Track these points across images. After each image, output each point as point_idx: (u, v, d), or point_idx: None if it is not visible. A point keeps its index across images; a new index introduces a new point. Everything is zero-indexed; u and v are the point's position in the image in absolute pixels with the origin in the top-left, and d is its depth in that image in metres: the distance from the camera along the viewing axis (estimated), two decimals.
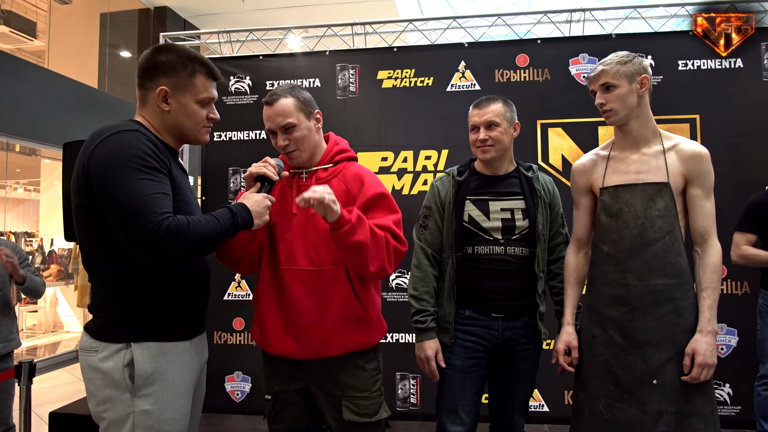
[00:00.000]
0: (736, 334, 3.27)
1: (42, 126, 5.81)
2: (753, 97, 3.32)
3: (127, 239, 1.34)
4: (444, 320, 2.05)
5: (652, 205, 1.79)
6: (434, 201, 2.11)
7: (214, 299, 3.75)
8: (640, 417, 1.74)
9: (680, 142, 1.84)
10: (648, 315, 1.77)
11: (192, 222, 1.37)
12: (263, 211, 1.57)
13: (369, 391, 1.76)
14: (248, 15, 7.41)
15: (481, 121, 2.02)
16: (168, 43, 1.54)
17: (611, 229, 1.85)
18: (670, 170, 1.80)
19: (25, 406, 2.43)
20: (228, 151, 3.78)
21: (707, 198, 1.80)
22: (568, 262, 2.03)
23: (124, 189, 1.32)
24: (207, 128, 1.59)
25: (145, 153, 1.36)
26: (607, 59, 1.86)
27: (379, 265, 1.67)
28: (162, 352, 1.45)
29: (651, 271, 1.77)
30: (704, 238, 1.80)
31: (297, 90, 1.79)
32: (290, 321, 1.71)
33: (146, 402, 1.41)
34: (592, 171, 1.96)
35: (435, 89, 3.60)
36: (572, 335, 1.94)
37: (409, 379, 3.53)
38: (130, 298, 1.43)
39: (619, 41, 3.44)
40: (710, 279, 1.76)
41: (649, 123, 1.86)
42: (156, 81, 1.49)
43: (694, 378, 1.70)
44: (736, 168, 3.29)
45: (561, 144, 3.47)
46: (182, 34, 4.08)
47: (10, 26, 7.66)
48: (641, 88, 1.82)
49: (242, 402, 3.70)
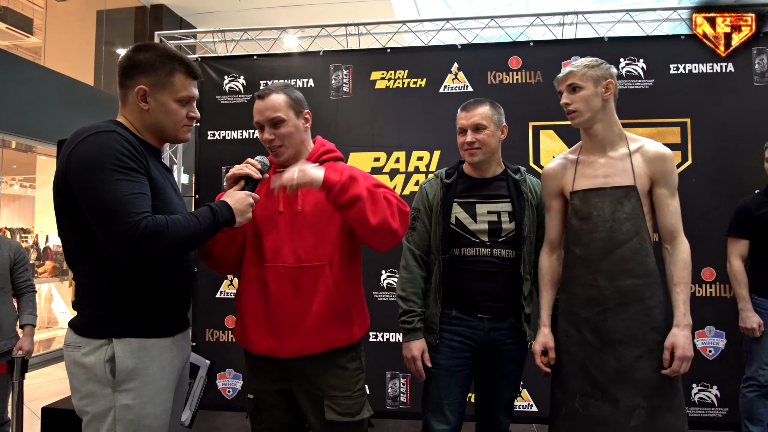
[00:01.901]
0: (724, 336, 3.30)
1: (38, 123, 5.82)
2: (744, 101, 3.34)
3: (106, 240, 1.35)
4: (430, 321, 2.07)
5: (620, 208, 1.85)
6: (422, 203, 2.14)
7: (207, 297, 3.77)
8: (614, 412, 1.80)
9: (644, 143, 1.90)
10: (619, 315, 1.82)
11: (171, 221, 1.38)
12: (245, 208, 1.58)
13: (351, 391, 1.76)
14: (244, 14, 7.41)
15: (468, 123, 2.04)
16: (149, 42, 1.55)
17: (582, 232, 1.91)
18: (636, 172, 1.86)
19: (18, 401, 2.44)
20: (222, 150, 3.80)
21: (673, 197, 1.86)
22: (541, 264, 2.06)
23: (102, 190, 1.33)
24: (188, 127, 1.59)
25: (122, 153, 1.37)
26: (576, 62, 1.92)
27: (380, 218, 1.60)
28: (143, 348, 1.46)
29: (621, 272, 1.83)
30: (673, 236, 1.85)
31: (290, 89, 1.82)
32: (271, 319, 1.72)
33: (127, 397, 1.43)
34: (562, 175, 2.01)
35: (428, 90, 3.62)
36: (548, 336, 1.97)
37: (399, 378, 3.55)
38: (112, 296, 1.45)
39: (612, 44, 3.47)
40: (681, 274, 1.81)
41: (614, 127, 1.92)
42: (135, 80, 1.50)
43: (674, 371, 1.74)
44: (727, 171, 3.32)
45: (552, 146, 3.49)
46: (177, 33, 4.09)
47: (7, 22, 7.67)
48: (606, 92, 1.88)
49: (233, 399, 3.72)
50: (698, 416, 3.29)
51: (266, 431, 1.83)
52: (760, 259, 2.79)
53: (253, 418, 1.84)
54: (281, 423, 1.82)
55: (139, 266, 1.39)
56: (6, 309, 2.95)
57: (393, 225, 1.63)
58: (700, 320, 3.32)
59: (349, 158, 3.60)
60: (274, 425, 1.82)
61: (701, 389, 3.31)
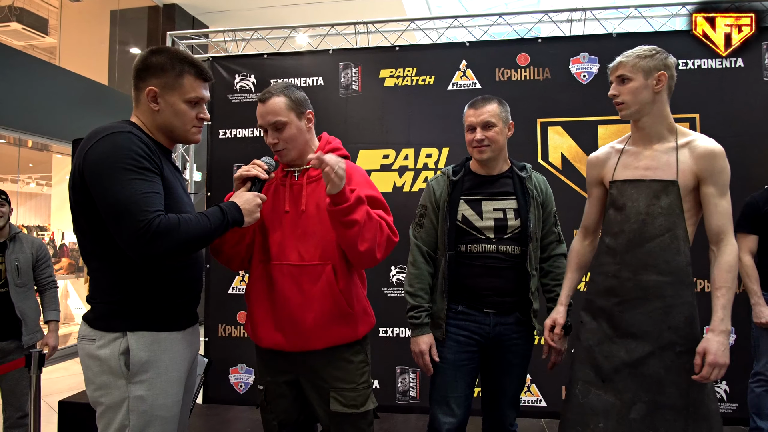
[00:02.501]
0: (734, 332, 3.29)
1: (53, 122, 5.92)
2: (753, 96, 3.33)
3: (120, 237, 1.40)
4: (437, 316, 2.11)
5: (655, 202, 1.79)
6: (429, 200, 2.17)
7: (219, 293, 3.83)
8: (614, 403, 1.79)
9: (695, 139, 1.80)
10: (637, 308, 1.79)
11: (182, 220, 1.43)
12: (254, 209, 1.62)
13: (356, 383, 1.80)
14: (255, 12, 7.47)
15: (477, 121, 2.06)
16: (163, 45, 1.59)
17: (614, 222, 1.87)
18: (680, 168, 1.78)
19: (35, 394, 2.51)
20: (233, 148, 3.86)
21: (722, 196, 1.75)
22: (572, 247, 2.07)
23: (117, 189, 1.38)
24: (197, 128, 1.64)
25: (137, 154, 1.42)
26: (631, 51, 1.83)
27: (368, 246, 1.67)
28: (156, 341, 1.51)
29: (645, 266, 1.78)
30: (719, 237, 1.75)
31: (291, 89, 1.83)
32: (278, 315, 1.77)
33: (140, 388, 1.48)
34: (604, 164, 1.96)
35: (436, 88, 3.64)
36: (561, 313, 1.98)
37: (409, 373, 3.59)
38: (125, 291, 1.50)
39: (620, 40, 3.46)
40: (724, 278, 1.71)
41: (664, 120, 1.84)
42: (147, 81, 1.55)
43: (704, 377, 1.66)
44: (736, 167, 3.21)
45: (561, 143, 3.50)
46: (189, 32, 4.15)
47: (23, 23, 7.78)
48: (657, 84, 1.79)
49: (245, 393, 3.78)
50: None
51: (275, 420, 1.88)
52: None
53: (263, 408, 1.90)
54: (289, 413, 1.87)
55: (150, 262, 1.45)
56: (29, 304, 3.05)
57: (377, 255, 1.72)
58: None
59: (358, 155, 3.64)
60: (283, 415, 1.87)
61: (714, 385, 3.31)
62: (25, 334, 2.98)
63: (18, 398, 2.99)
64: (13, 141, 6.32)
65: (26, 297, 3.04)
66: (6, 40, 7.77)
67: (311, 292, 1.74)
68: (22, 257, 3.04)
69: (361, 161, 3.64)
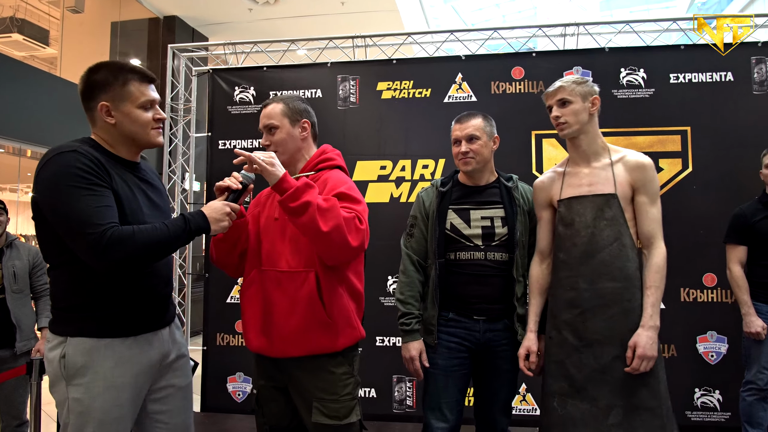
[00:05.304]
0: (726, 341, 3.34)
1: (53, 132, 5.97)
2: (743, 110, 3.40)
3: (78, 252, 1.48)
4: (428, 322, 2.16)
5: (600, 215, 1.96)
6: (419, 210, 2.24)
7: (217, 303, 3.87)
8: (591, 410, 1.88)
9: (626, 154, 2.02)
10: (597, 316, 1.92)
11: (137, 230, 1.49)
12: (221, 217, 1.65)
13: (338, 395, 1.79)
14: (255, 24, 7.55)
15: (462, 135, 2.16)
16: (100, 62, 1.65)
17: (565, 237, 2.01)
18: (617, 181, 1.97)
19: (36, 402, 2.53)
20: (232, 159, 3.88)
21: (652, 204, 1.96)
22: (531, 272, 2.15)
23: (67, 207, 1.46)
24: (156, 129, 1.68)
25: (83, 171, 1.48)
26: (564, 79, 2.05)
27: (333, 225, 1.62)
28: (96, 347, 1.57)
29: (600, 275, 1.93)
30: (650, 241, 1.95)
31: (292, 99, 1.95)
32: (264, 320, 1.82)
33: (77, 391, 1.55)
34: (550, 186, 2.12)
35: (433, 100, 3.70)
36: (532, 340, 2.07)
37: (405, 382, 3.62)
38: (70, 298, 1.59)
39: (612, 54, 3.54)
40: (653, 278, 1.90)
41: (597, 139, 2.06)
42: (96, 99, 1.60)
43: (634, 369, 1.83)
44: (727, 179, 3.36)
45: (555, 154, 3.56)
46: (190, 45, 4.21)
47: (24, 34, 7.85)
48: (592, 107, 2.02)
49: (243, 402, 3.80)
50: (701, 420, 3.33)
51: (267, 425, 1.91)
52: (758, 265, 2.83)
53: (256, 412, 1.93)
54: (279, 418, 1.90)
55: (111, 272, 1.53)
56: (25, 311, 3.08)
57: (348, 238, 1.66)
58: (701, 325, 3.36)
59: (356, 167, 3.70)
60: (274, 420, 1.90)
61: (703, 393, 3.35)
62: (19, 341, 2.99)
63: (15, 406, 3.01)
64: (13, 150, 6.36)
65: (23, 304, 3.06)
66: (7, 51, 7.84)
67: (295, 299, 1.76)
68: (18, 264, 3.07)
69: (359, 172, 3.69)
